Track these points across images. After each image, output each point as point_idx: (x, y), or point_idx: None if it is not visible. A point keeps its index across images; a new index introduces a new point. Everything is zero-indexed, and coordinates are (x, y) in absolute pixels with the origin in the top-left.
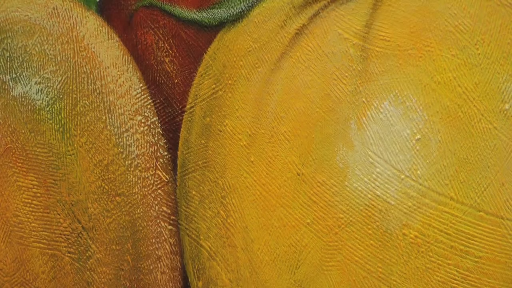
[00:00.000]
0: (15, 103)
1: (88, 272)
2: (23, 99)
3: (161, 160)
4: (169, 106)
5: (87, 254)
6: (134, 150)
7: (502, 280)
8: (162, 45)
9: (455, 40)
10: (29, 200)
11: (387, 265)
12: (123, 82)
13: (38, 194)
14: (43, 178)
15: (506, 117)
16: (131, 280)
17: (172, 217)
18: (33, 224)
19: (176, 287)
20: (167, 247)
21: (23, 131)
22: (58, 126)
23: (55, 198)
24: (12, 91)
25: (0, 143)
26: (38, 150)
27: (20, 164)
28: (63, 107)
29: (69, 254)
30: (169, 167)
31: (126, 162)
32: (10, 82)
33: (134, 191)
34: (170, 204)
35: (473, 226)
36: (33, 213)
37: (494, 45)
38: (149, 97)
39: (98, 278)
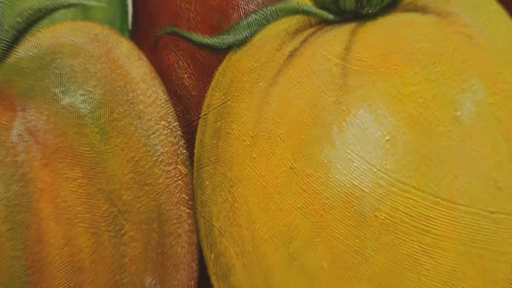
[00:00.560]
0: (64, 111)
1: (122, 247)
2: (70, 108)
3: (181, 156)
4: (187, 114)
5: (121, 232)
6: (159, 149)
7: (454, 253)
8: (182, 64)
9: (418, 60)
10: (75, 189)
11: (362, 241)
12: (150, 94)
13: (82, 184)
14: (86, 171)
15: (458, 122)
16: (157, 253)
17: (189, 202)
18: (78, 208)
19: (193, 259)
20: (185, 226)
21: (70, 133)
22: (98, 129)
23: (96, 187)
24: (61, 101)
25: (52, 143)
26: (82, 149)
27: (68, 160)
28: (102, 114)
29: (107, 232)
30: (187, 162)
31: (153, 158)
32: (60, 94)
33: (159, 181)
34: (188, 192)
35: (431, 210)
36: (78, 199)
37: (449, 64)
38: (171, 106)
39: (130, 251)
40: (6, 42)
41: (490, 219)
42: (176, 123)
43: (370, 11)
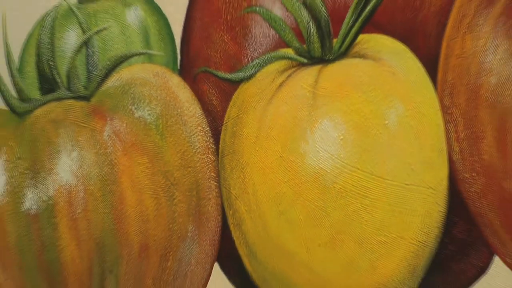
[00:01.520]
0: (137, 120)
1: (173, 206)
2: (141, 118)
3: (210, 149)
4: (215, 122)
5: (173, 197)
6: (197, 144)
7: (383, 210)
8: (211, 91)
9: (360, 88)
10: (143, 170)
11: (325, 202)
12: (191, 109)
13: (148, 167)
14: (151, 158)
15: (386, 127)
16: (195, 210)
17: (216, 178)
18: (146, 182)
19: (218, 214)
20: (213, 193)
21: (140, 134)
22: (158, 132)
23: (157, 168)
24: (135, 114)
25: (129, 141)
26: (148, 144)
27: (139, 151)
28: (160, 122)
29: (164, 197)
30: (215, 153)
31: (193, 150)
32: (134, 110)
33: (197, 165)
34: (215, 171)
35: (369, 182)
36: (146, 176)
37: (380, 91)
38: (204, 117)
39: (178, 209)
40: (100, 77)
41: (406, 189)
42: (207, 128)
43: (330, 57)
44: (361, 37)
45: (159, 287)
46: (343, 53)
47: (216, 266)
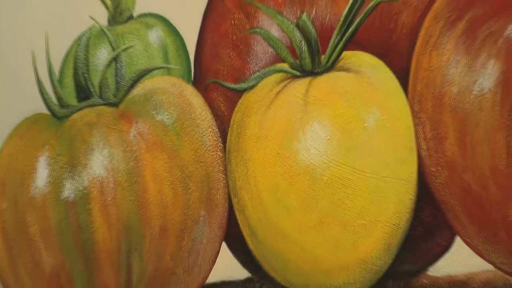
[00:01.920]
0: (158, 123)
1: (188, 195)
2: (161, 122)
3: (219, 147)
4: (222, 124)
5: (188, 187)
6: (208, 143)
7: (363, 198)
8: (219, 98)
9: (344, 97)
10: (163, 164)
11: (314, 192)
12: (203, 114)
13: (167, 162)
14: (169, 155)
15: (365, 129)
16: (206, 198)
17: (224, 171)
18: (165, 174)
19: (226, 201)
20: (221, 184)
21: (160, 135)
22: (175, 133)
23: (174, 163)
24: (156, 118)
25: (151, 140)
26: (167, 143)
27: (159, 149)
28: (177, 125)
29: (180, 187)
30: (223, 150)
31: (204, 148)
32: (155, 114)
33: (208, 160)
34: (223, 166)
35: (351, 175)
36: (165, 170)
37: (360, 99)
38: (214, 121)
39: (192, 197)
40: (127, 87)
41: (382, 180)
42: (216, 130)
43: (319, 71)
44: (345, 53)
45: (175, 262)
46: (330, 67)
47: (224, 245)
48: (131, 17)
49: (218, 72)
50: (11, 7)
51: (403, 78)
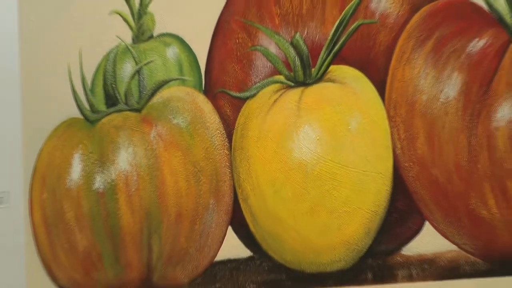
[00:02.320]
0: (174, 126)
1: (199, 186)
2: (177, 124)
3: (226, 146)
4: (228, 127)
5: (199, 180)
6: (216, 142)
7: (347, 189)
8: (226, 105)
9: (331, 103)
10: (178, 160)
11: (306, 183)
12: (212, 118)
13: (182, 158)
14: (183, 152)
15: (349, 131)
16: (215, 189)
17: (230, 166)
18: (180, 169)
19: (231, 191)
20: (228, 177)
21: (176, 135)
22: (189, 134)
23: (188, 160)
24: (173, 122)
25: (168, 140)
26: (181, 142)
27: (175, 148)
28: (191, 127)
29: (193, 180)
30: (229, 149)
31: (213, 146)
32: (172, 118)
33: (216, 157)
34: (229, 162)
35: (337, 169)
36: (180, 164)
37: (345, 105)
38: (221, 124)
39: (203, 188)
40: (148, 95)
41: (363, 174)
42: (223, 131)
43: (310, 82)
44: (332, 67)
45: (189, 243)
46: (319, 79)
47: (230, 228)
48: (151, 37)
49: (225, 83)
50: (50, 28)
51: (381, 88)
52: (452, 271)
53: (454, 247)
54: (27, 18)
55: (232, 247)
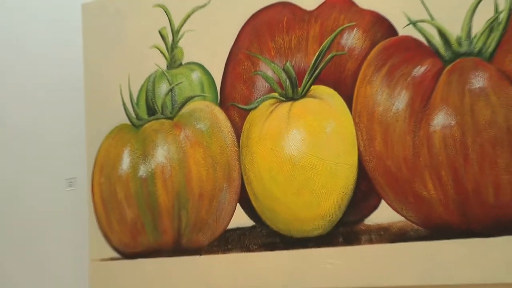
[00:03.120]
0: (197, 129)
1: (216, 174)
2: (199, 128)
3: (235, 144)
4: (237, 130)
5: (216, 169)
6: (228, 142)
7: (324, 176)
8: (235, 114)
9: (313, 113)
10: (201, 155)
11: (294, 171)
12: (225, 124)
13: (203, 153)
14: (204, 149)
15: (326, 133)
16: (228, 175)
17: (238, 159)
18: (202, 161)
19: (239, 177)
20: (237, 167)
21: (198, 137)
22: (208, 135)
23: (207, 154)
24: (196, 126)
25: (192, 140)
26: (203, 142)
27: (198, 145)
28: (210, 130)
29: (212, 169)
30: (237, 146)
31: (226, 144)
32: (196, 124)
33: (228, 152)
34: (237, 155)
35: (317, 162)
36: (202, 158)
37: (323, 115)
38: (232, 128)
39: (219, 175)
40: (179, 107)
41: (336, 165)
42: (233, 133)
43: (297, 97)
44: (313, 87)
45: (208, 216)
46: (303, 95)
47: (238, 205)
48: (180, 64)
49: (234, 98)
50: (107, 57)
51: (349, 102)
52: (401, 236)
53: (402, 218)
54: (90, 49)
55: (240, 219)
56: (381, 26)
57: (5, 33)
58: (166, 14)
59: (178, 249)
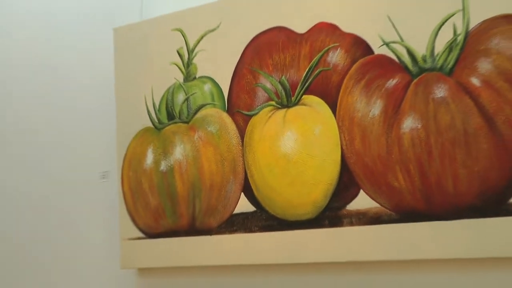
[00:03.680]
0: (208, 131)
1: (224, 168)
2: (210, 131)
3: (240, 144)
4: (241, 132)
5: (224, 164)
6: (234, 142)
7: (314, 169)
8: (240, 119)
9: (304, 118)
10: (211, 153)
11: (288, 166)
12: (231, 127)
13: (213, 151)
14: (214, 148)
15: (315, 135)
16: (233, 170)
17: (242, 156)
18: (212, 158)
19: (243, 171)
20: (241, 162)
21: (210, 137)
22: (217, 136)
23: (217, 152)
24: (208, 129)
25: (205, 140)
26: (213, 141)
27: (209, 145)
28: (219, 132)
29: (221, 164)
30: (241, 145)
31: (232, 144)
32: (207, 127)
33: (234, 150)
34: (242, 153)
35: (307, 158)
36: (212, 156)
37: (312, 120)
38: (237, 130)
39: (226, 170)
40: (193, 113)
41: (324, 161)
42: (238, 135)
43: (291, 105)
44: (304, 96)
45: (218, 203)
46: (296, 103)
47: (242, 194)
48: (195, 78)
49: (239, 106)
50: (134, 72)
51: (334, 109)
52: (376, 219)
53: (377, 205)
54: (120, 66)
55: (243, 205)
56: (359, 46)
57: (51, 55)
58: (183, 37)
59: (192, 230)
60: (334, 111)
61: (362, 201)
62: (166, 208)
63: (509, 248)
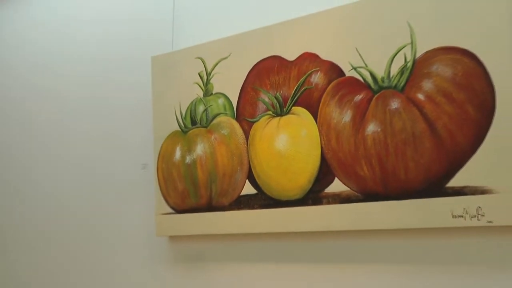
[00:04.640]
0: (221, 134)
1: (233, 161)
2: (223, 133)
3: (245, 143)
4: (246, 135)
5: (233, 158)
6: (241, 141)
7: (301, 162)
8: (245, 125)
9: (293, 124)
10: (224, 149)
11: (282, 160)
12: (239, 130)
13: (226, 148)
14: (226, 146)
15: (302, 137)
16: (240, 162)
17: (247, 152)
18: (224, 154)
19: (248, 163)
20: (246, 157)
21: (222, 139)
22: (228, 137)
23: (228, 149)
24: (221, 132)
25: (220, 140)
26: (225, 141)
27: (222, 143)
28: (229, 134)
29: (230, 158)
30: (246, 144)
31: (240, 143)
32: (221, 130)
33: (241, 148)
34: (247, 150)
35: (296, 154)
36: (225, 152)
37: (300, 126)
38: (243, 133)
39: (235, 162)
40: (211, 119)
41: (308, 156)
42: (244, 136)
43: (283, 114)
44: (293, 108)
45: (229, 187)
46: (287, 113)
47: (247, 181)
48: (211, 94)
49: (245, 114)
50: (166, 90)
51: (315, 117)
52: (347, 199)
53: (348, 189)
54: (156, 85)
55: (248, 189)
56: (335, 70)
57: (104, 78)
58: (203, 63)
59: (210, 207)
60: (315, 119)
61: (337, 186)
62: (190, 191)
63: (445, 220)
